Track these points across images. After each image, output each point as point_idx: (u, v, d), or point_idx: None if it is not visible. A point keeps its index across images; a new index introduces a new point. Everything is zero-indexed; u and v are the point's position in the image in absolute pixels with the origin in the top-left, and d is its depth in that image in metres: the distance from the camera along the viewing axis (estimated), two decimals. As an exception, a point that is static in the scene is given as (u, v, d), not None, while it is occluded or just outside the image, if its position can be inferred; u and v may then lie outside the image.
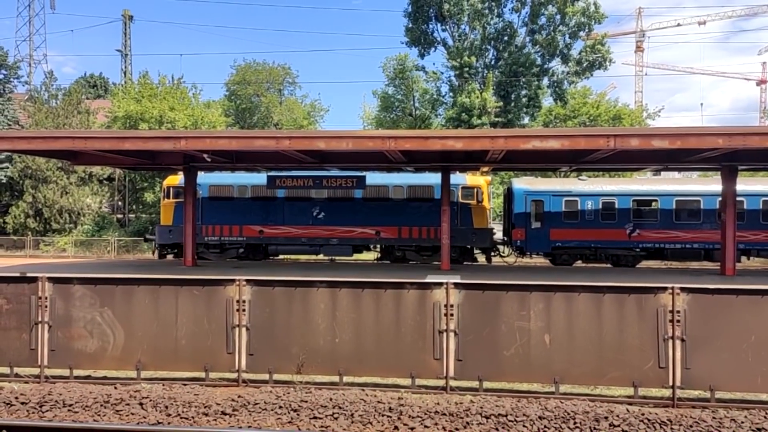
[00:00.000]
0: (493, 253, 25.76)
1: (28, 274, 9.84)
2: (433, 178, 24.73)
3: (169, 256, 26.28)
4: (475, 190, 24.64)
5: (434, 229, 23.96)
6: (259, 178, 25.77)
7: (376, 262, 26.46)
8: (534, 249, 24.81)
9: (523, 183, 25.48)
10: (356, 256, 27.26)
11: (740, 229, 22.80)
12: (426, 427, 7.84)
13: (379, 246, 25.68)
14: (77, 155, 20.77)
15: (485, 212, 24.77)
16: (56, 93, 43.61)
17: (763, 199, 23.12)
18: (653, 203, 23.67)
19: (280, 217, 24.73)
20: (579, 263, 24.78)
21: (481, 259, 26.20)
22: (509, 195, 25.81)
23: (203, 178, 25.91)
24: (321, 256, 26.96)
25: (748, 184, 24.08)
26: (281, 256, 27.20)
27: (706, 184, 24.55)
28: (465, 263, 24.77)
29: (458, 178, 24.80)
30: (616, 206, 23.68)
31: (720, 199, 22.94)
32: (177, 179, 26.10)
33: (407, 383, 9.13)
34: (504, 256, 26.30)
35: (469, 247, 24.76)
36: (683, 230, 23.29)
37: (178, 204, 25.26)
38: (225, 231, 25.07)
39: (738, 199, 22.94)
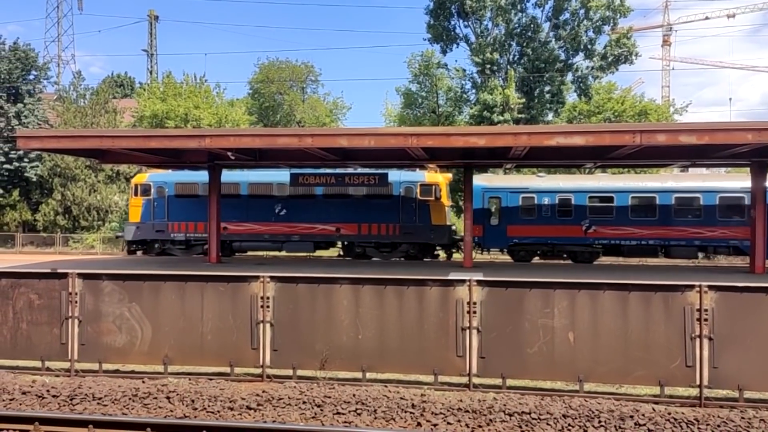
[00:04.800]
0: (453, 250, 25.80)
1: (59, 271, 10.08)
2: (393, 176, 24.71)
3: (139, 252, 26.74)
4: (434, 187, 24.63)
5: (393, 225, 24.31)
6: (224, 176, 26.04)
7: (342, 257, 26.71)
8: (492, 245, 24.76)
9: (481, 180, 25.30)
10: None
11: (697, 225, 22.64)
12: (449, 423, 7.84)
13: (342, 242, 25.93)
14: (105, 154, 21.14)
15: (444, 209, 24.76)
16: (84, 93, 44.48)
17: (719, 196, 22.77)
18: (609, 200, 23.46)
19: (244, 214, 24.96)
20: (537, 259, 24.67)
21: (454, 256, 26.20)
22: None
23: (169, 176, 26.48)
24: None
25: (705, 180, 23.91)
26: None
27: (661, 181, 24.28)
28: (425, 260, 24.89)
29: (417, 176, 24.84)
30: (573, 203, 23.52)
31: (688, 194, 22.89)
32: (144, 177, 26.86)
33: (430, 380, 9.14)
34: None
35: (432, 243, 24.87)
36: (639, 227, 23.05)
37: (146, 201, 26.00)
38: (190, 227, 25.52)
39: (694, 195, 22.78)
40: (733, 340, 8.42)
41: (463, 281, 9.10)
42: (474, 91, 42.68)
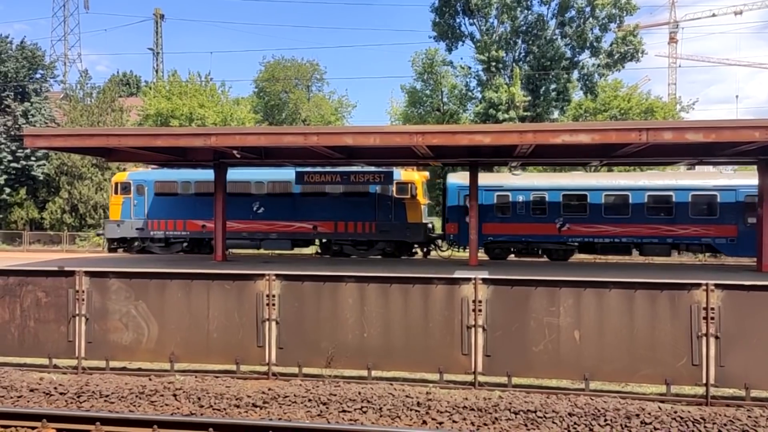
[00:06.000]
0: (431, 247, 25.93)
1: (66, 268, 10.13)
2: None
3: (120, 250, 26.95)
4: (409, 185, 24.71)
5: (369, 223, 24.51)
6: (203, 174, 26.20)
7: (315, 255, 26.91)
8: (467, 243, 24.70)
9: (457, 178, 25.33)
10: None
11: (669, 223, 22.69)
12: (454, 422, 7.85)
13: (319, 240, 26.10)
14: (111, 152, 21.24)
15: (419, 207, 24.83)
16: (90, 91, 44.63)
17: (692, 194, 22.80)
18: (582, 198, 23.53)
19: None
20: (512, 257, 24.74)
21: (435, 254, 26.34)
22: (444, 190, 25.80)
23: (148, 174, 26.78)
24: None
25: (678, 178, 23.90)
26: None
27: (634, 179, 24.31)
28: (402, 257, 25.00)
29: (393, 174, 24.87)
30: (547, 200, 23.59)
31: (661, 192, 22.98)
32: (124, 176, 27.23)
33: (435, 378, 9.15)
34: (443, 251, 26.26)
35: (408, 241, 24.96)
36: (612, 224, 23.12)
37: (125, 199, 26.37)
38: (170, 225, 25.82)
39: (667, 193, 22.82)
40: (739, 339, 8.39)
41: (468, 279, 9.09)
42: (479, 88, 42.62)
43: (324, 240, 25.83)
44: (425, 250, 26.05)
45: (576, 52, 41.23)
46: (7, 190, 40.04)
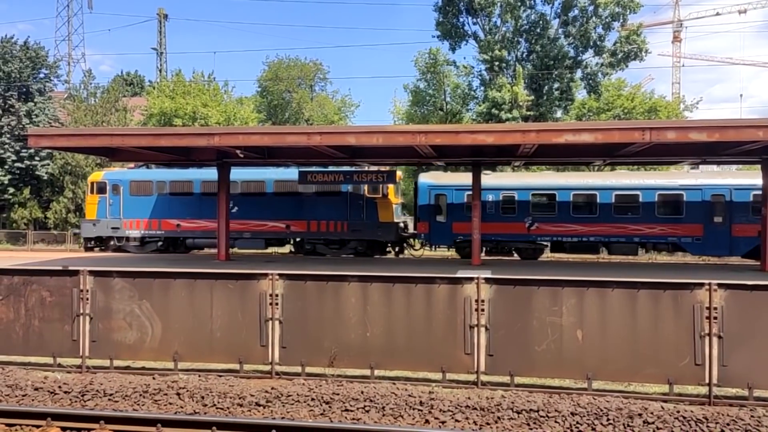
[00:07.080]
0: (405, 246, 26.08)
1: (70, 268, 10.17)
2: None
3: (96, 249, 27.04)
4: (381, 185, 24.69)
5: (341, 223, 24.60)
6: (177, 174, 26.31)
7: (291, 254, 26.97)
8: (438, 242, 24.79)
9: (428, 177, 25.39)
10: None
11: (636, 222, 22.77)
12: (457, 421, 7.86)
13: (292, 239, 26.19)
14: (115, 152, 21.28)
15: (391, 206, 24.84)
16: (94, 91, 44.71)
17: (658, 193, 22.87)
18: (551, 197, 23.60)
19: (197, 211, 25.08)
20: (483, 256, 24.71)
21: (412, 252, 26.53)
22: (416, 189, 25.84)
23: (124, 174, 27.03)
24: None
25: (645, 177, 24.05)
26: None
27: (602, 179, 24.35)
28: (375, 257, 25.06)
29: None
30: (516, 200, 23.65)
31: (628, 192, 23.12)
32: (100, 175, 27.42)
33: (438, 377, 9.16)
34: (416, 250, 26.29)
35: (380, 240, 25.02)
36: (580, 224, 23.19)
37: (101, 199, 26.56)
38: (145, 225, 25.97)
39: (634, 192, 22.93)
40: (742, 339, 8.39)
41: (471, 279, 9.10)
42: (482, 88, 42.56)
43: (297, 239, 25.91)
44: (398, 249, 26.13)
45: (579, 51, 41.13)
46: (11, 189, 40.17)
